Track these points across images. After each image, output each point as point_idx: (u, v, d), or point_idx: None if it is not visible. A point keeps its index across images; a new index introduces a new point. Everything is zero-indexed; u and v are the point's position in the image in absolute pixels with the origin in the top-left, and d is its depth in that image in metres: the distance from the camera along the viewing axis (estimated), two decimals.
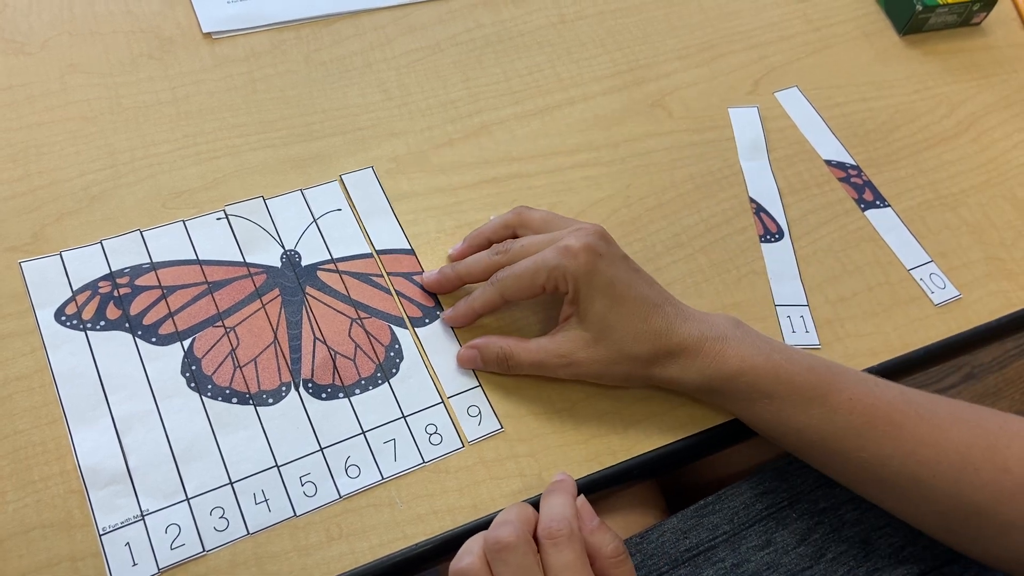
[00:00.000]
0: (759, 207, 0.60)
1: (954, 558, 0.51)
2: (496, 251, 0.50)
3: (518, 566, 0.39)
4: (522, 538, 0.40)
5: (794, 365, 0.47)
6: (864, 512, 0.53)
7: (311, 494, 0.46)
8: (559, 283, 0.47)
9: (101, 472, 0.45)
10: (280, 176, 0.56)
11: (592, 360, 0.48)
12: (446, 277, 0.52)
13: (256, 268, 0.53)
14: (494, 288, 0.49)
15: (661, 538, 0.51)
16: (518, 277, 0.48)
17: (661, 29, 0.68)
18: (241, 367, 0.49)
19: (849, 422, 0.45)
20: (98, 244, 0.52)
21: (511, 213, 0.52)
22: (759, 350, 0.47)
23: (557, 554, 0.39)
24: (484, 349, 0.50)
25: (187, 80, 0.59)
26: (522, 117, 0.62)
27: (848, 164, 0.63)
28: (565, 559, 0.39)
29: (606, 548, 0.41)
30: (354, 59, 0.62)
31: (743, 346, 0.47)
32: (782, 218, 0.60)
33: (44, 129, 0.56)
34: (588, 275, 0.46)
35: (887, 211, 0.61)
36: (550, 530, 0.40)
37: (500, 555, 0.39)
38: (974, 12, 0.70)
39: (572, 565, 0.39)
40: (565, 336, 0.48)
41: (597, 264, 0.46)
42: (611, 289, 0.47)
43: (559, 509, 0.42)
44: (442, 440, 0.49)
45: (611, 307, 0.47)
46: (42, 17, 0.60)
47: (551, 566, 0.39)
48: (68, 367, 0.48)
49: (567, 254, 0.46)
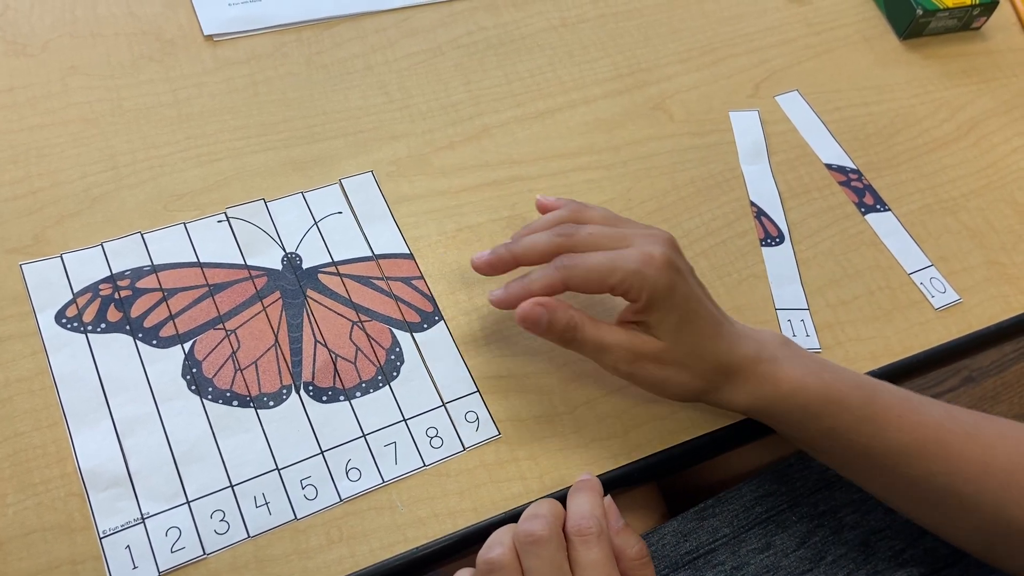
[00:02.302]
0: (760, 211, 0.60)
1: (954, 561, 0.51)
2: (559, 232, 0.46)
3: (550, 560, 0.39)
4: (554, 532, 0.40)
5: (843, 384, 0.46)
6: (864, 515, 0.53)
7: (312, 497, 0.46)
8: (631, 289, 0.44)
9: (101, 475, 0.45)
10: (281, 178, 0.56)
11: (655, 367, 0.46)
12: (499, 258, 0.48)
13: (257, 271, 0.53)
14: (559, 273, 0.45)
15: (661, 541, 0.51)
16: (590, 270, 0.44)
17: (662, 32, 0.68)
18: (242, 370, 0.49)
19: (898, 440, 0.45)
20: (99, 246, 0.52)
21: (565, 209, 0.49)
22: (809, 370, 0.46)
23: (586, 551, 0.39)
24: (555, 312, 0.45)
25: (188, 82, 0.59)
26: (523, 120, 0.62)
27: (848, 168, 0.63)
28: (594, 556, 0.39)
29: (631, 550, 0.41)
30: (355, 62, 0.62)
31: (794, 366, 0.46)
32: (783, 222, 0.60)
33: (45, 131, 0.56)
34: (667, 289, 0.44)
35: (887, 215, 0.61)
36: (580, 527, 0.40)
37: (532, 548, 0.39)
38: (974, 16, 0.71)
39: (600, 563, 0.39)
40: (638, 336, 0.46)
41: (676, 279, 0.44)
42: (686, 305, 0.45)
43: (588, 507, 0.42)
44: (443, 443, 0.49)
45: (683, 323, 0.45)
46: (44, 19, 0.60)
47: (580, 563, 0.39)
48: (69, 370, 0.48)
49: (649, 262, 0.44)
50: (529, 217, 0.57)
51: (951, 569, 0.51)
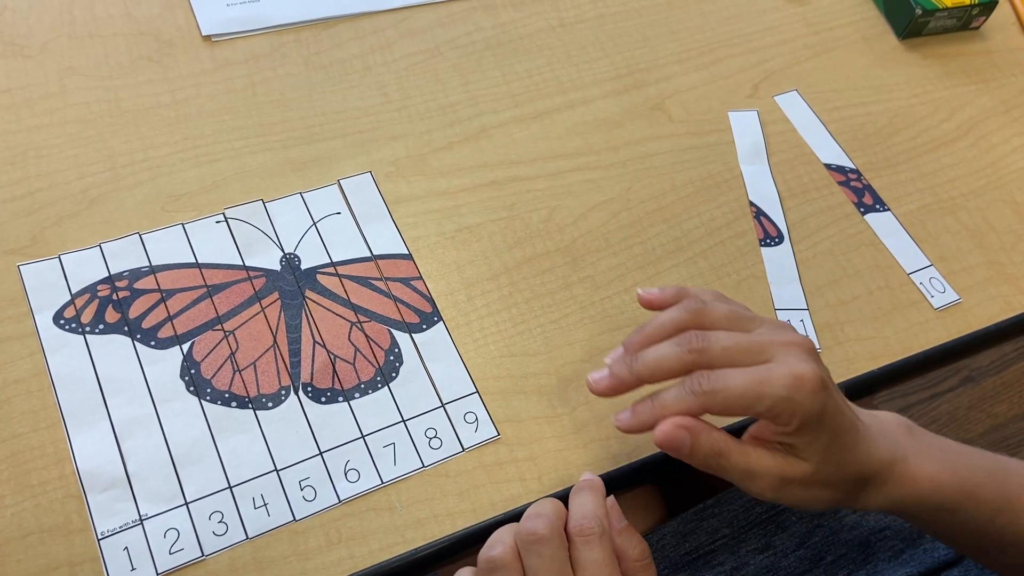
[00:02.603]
0: (759, 211, 0.60)
1: (953, 562, 0.51)
2: (689, 348, 0.41)
3: (551, 559, 0.38)
4: (556, 531, 0.39)
5: (977, 474, 0.44)
6: (863, 515, 0.53)
7: (310, 498, 0.46)
8: (780, 415, 0.39)
9: (100, 476, 0.45)
10: (280, 179, 0.56)
11: (802, 490, 0.42)
12: (622, 382, 0.43)
13: (255, 271, 0.52)
14: (696, 400, 0.40)
15: (661, 542, 0.51)
16: (734, 398, 0.39)
17: (661, 32, 0.68)
18: (240, 371, 0.49)
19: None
20: (97, 247, 0.52)
21: (684, 311, 0.43)
22: (942, 464, 0.44)
23: (588, 551, 0.39)
24: (698, 437, 0.41)
25: (187, 83, 0.59)
26: (522, 120, 0.62)
27: (847, 168, 0.63)
28: (595, 556, 0.39)
29: (633, 551, 0.41)
30: (354, 62, 0.62)
31: (926, 462, 0.43)
32: (782, 222, 0.60)
33: (43, 132, 0.56)
34: (820, 414, 0.40)
35: (887, 215, 0.61)
36: (582, 527, 0.40)
37: (533, 547, 0.39)
38: (973, 16, 0.71)
39: (602, 563, 0.39)
40: (786, 460, 0.41)
41: (826, 401, 0.40)
42: (833, 423, 0.41)
43: (591, 507, 0.41)
44: (442, 444, 0.49)
45: (831, 443, 0.41)
46: (42, 20, 0.60)
47: (581, 562, 0.39)
48: (67, 371, 0.48)
49: (800, 386, 0.39)
50: (528, 218, 0.57)
51: (951, 569, 0.51)
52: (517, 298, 0.54)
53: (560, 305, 0.54)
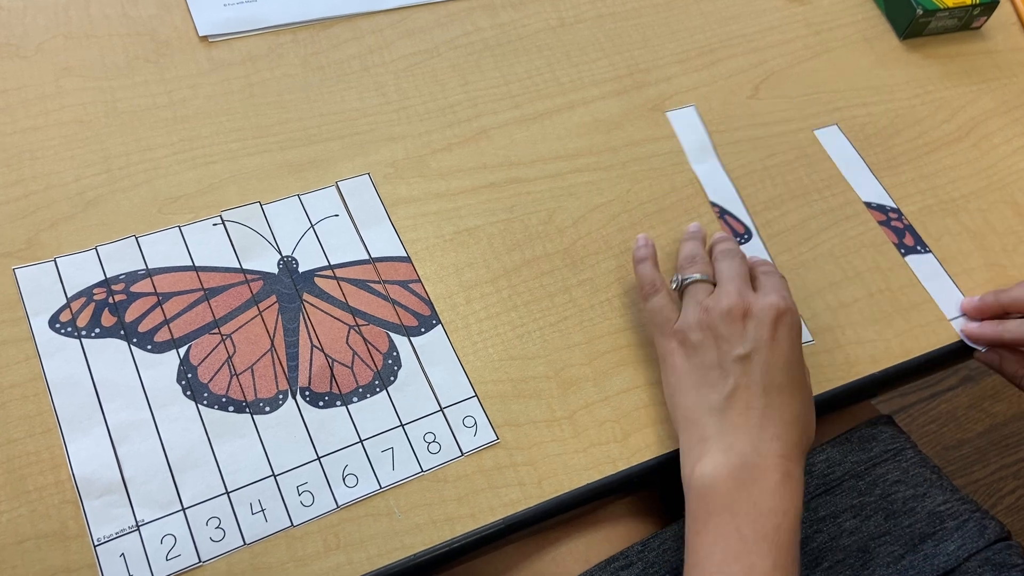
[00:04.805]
0: (722, 210, 0.59)
1: (952, 568, 0.51)
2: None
3: (741, 263, 0.52)
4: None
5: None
6: (864, 520, 0.52)
7: (308, 504, 0.46)
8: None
9: (96, 482, 0.45)
10: (277, 181, 0.56)
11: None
12: (987, 305, 0.55)
13: (253, 274, 0.52)
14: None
15: (662, 546, 0.51)
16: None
17: (661, 33, 0.67)
18: (238, 375, 0.49)
19: None
20: (93, 250, 0.51)
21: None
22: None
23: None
24: (1006, 358, 0.56)
25: (183, 84, 0.59)
26: (521, 121, 0.61)
27: (888, 207, 0.62)
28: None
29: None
30: (352, 63, 0.62)
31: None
32: (746, 217, 0.59)
33: (39, 133, 0.55)
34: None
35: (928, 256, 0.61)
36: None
37: (727, 255, 0.52)
38: (974, 16, 0.70)
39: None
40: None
41: None
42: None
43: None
44: (441, 449, 0.48)
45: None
46: (37, 20, 0.59)
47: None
48: (63, 375, 0.47)
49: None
50: (528, 220, 0.57)
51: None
52: (516, 301, 0.54)
53: (560, 308, 0.54)
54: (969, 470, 1.28)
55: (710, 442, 0.45)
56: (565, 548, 0.51)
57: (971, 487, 1.26)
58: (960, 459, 1.29)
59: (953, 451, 1.29)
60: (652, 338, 0.52)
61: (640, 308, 0.54)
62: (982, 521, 0.53)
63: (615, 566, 0.50)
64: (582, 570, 0.50)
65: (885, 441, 0.57)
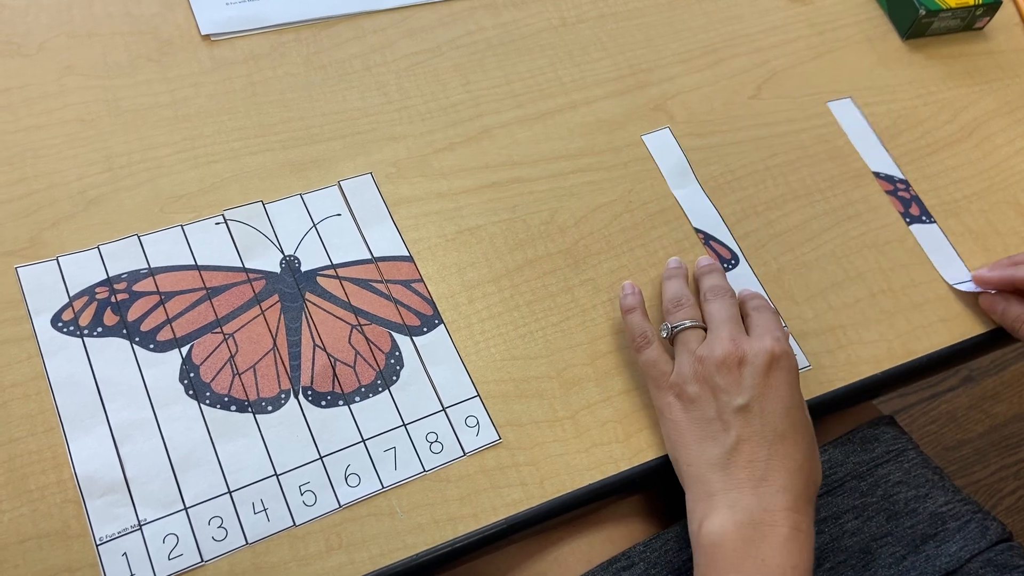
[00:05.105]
0: (707, 236, 0.58)
1: (955, 569, 0.51)
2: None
3: (731, 305, 0.51)
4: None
5: None
6: (865, 521, 0.52)
7: (311, 503, 0.46)
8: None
9: (98, 481, 0.45)
10: (279, 180, 0.56)
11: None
12: (999, 264, 0.56)
13: (255, 274, 0.52)
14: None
15: (665, 546, 0.51)
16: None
17: (663, 32, 0.67)
18: (240, 374, 0.49)
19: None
20: (95, 249, 0.51)
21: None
22: None
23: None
24: (1010, 304, 0.55)
25: (186, 83, 0.59)
26: (524, 121, 0.61)
27: (896, 178, 0.62)
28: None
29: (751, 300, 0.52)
30: (354, 62, 0.62)
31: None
32: (732, 242, 0.58)
33: (41, 132, 0.55)
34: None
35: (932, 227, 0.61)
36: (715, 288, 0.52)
37: (717, 296, 0.51)
38: (977, 17, 0.70)
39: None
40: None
41: None
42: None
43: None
44: (443, 448, 0.48)
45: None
46: (40, 18, 0.59)
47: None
48: (65, 374, 0.47)
49: None
50: (530, 220, 0.57)
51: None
52: (518, 301, 0.54)
53: (562, 308, 0.54)
54: (969, 471, 1.28)
55: (716, 498, 0.44)
56: (567, 548, 0.51)
57: (971, 488, 1.26)
58: (960, 460, 1.29)
59: (953, 452, 1.29)
60: (648, 391, 0.51)
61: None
62: (984, 522, 0.53)
63: (617, 566, 0.50)
64: (584, 570, 0.50)
65: (887, 442, 0.57)
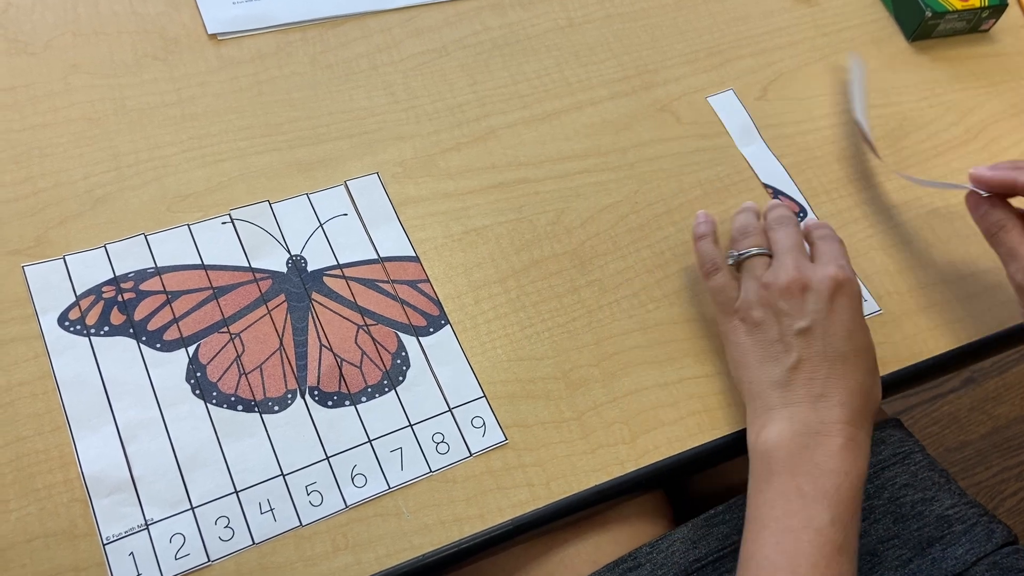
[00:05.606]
0: (775, 191, 0.61)
1: (962, 572, 0.51)
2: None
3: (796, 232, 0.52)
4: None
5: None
6: (872, 523, 0.52)
7: (317, 503, 0.46)
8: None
9: (105, 480, 0.45)
10: (286, 180, 0.56)
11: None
12: (1000, 166, 0.51)
13: (262, 273, 0.52)
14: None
15: (671, 548, 0.51)
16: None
17: (669, 33, 0.67)
18: (246, 374, 0.49)
19: None
20: (102, 248, 0.51)
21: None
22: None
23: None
24: (994, 206, 0.51)
25: (192, 82, 0.59)
26: (530, 121, 0.61)
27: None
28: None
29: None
30: (360, 62, 0.62)
31: None
32: (799, 196, 0.61)
33: (47, 131, 0.55)
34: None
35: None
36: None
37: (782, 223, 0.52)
38: (983, 19, 0.70)
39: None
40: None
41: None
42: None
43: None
44: (449, 449, 0.48)
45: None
46: (46, 17, 0.59)
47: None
48: (72, 373, 0.47)
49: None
50: (536, 220, 0.57)
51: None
52: (525, 301, 0.54)
53: (568, 309, 0.54)
54: (971, 472, 1.28)
55: (774, 412, 0.46)
56: (573, 549, 0.51)
57: (973, 489, 1.26)
58: (962, 461, 1.29)
59: (955, 453, 1.29)
60: (714, 315, 0.53)
61: (649, 309, 0.54)
62: (989, 525, 0.53)
63: (623, 567, 0.50)
64: (590, 571, 0.50)
65: (893, 444, 0.57)
